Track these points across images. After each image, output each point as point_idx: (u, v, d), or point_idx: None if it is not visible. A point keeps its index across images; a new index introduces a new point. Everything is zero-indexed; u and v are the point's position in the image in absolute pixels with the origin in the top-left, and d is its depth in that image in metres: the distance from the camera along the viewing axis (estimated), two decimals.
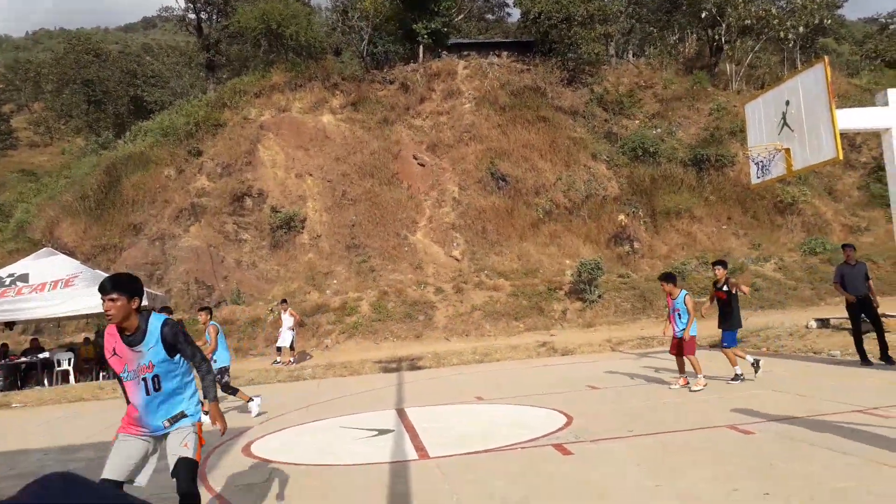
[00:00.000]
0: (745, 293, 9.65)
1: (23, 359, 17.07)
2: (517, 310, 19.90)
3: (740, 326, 10.02)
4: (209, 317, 10.04)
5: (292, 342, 16.96)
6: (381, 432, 8.06)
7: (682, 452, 6.11)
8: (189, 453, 4.00)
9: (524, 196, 24.42)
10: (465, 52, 32.54)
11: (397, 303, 20.13)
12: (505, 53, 32.46)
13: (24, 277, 16.54)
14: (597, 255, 21.64)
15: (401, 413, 9.31)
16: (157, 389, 4.00)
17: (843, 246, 11.24)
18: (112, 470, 3.93)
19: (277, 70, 29.99)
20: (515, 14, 44.28)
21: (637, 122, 29.01)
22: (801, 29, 32.54)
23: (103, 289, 3.80)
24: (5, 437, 9.93)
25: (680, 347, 9.65)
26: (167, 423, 4.07)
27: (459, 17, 36.42)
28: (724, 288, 9.66)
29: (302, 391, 12.69)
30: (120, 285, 3.86)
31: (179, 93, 37.49)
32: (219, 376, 9.68)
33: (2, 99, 66.48)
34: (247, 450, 7.71)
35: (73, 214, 24.39)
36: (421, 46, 30.75)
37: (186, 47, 43.67)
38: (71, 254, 20.22)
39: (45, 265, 17.04)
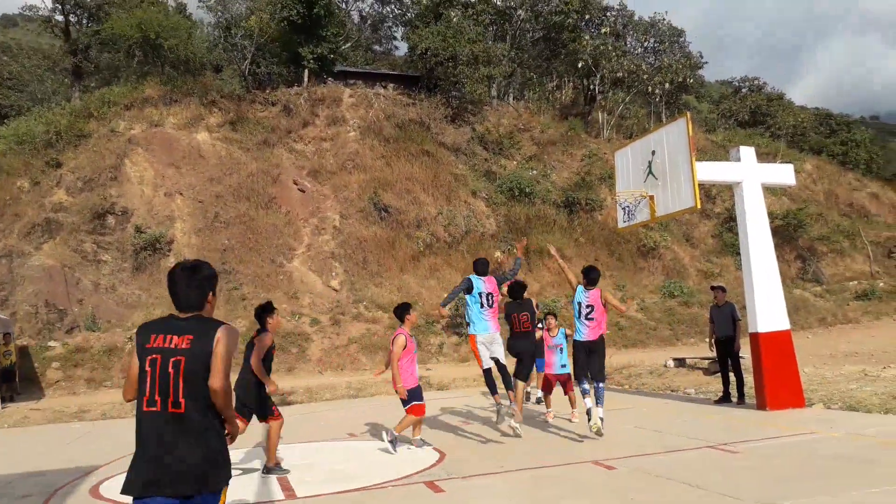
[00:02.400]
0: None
1: None
2: None
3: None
4: None
5: None
6: (246, 471, 7.70)
7: (551, 486, 6.26)
8: None
9: (406, 228, 24.54)
10: (352, 81, 32.57)
11: None
12: (391, 85, 32.81)
13: None
14: None
15: None
16: None
17: (712, 287, 12.08)
18: None
19: (152, 82, 28.55)
20: (403, 48, 44.97)
21: (515, 162, 30.13)
22: (666, 85, 35.35)
23: None
24: None
25: (564, 384, 9.86)
26: None
27: (347, 45, 36.46)
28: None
29: None
30: None
31: (40, 98, 34.75)
32: None
33: None
34: (95, 492, 7.10)
35: None
36: (306, 70, 30.44)
37: (51, 50, 40.62)
38: None
39: None
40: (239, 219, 23.37)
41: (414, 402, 8.28)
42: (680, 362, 15.90)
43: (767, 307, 10.07)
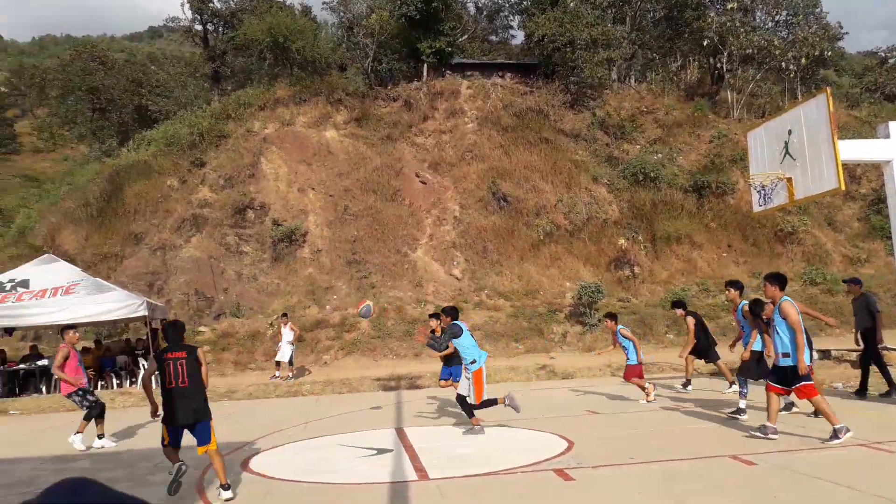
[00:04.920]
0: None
1: (21, 365, 17.00)
2: (517, 331, 19.90)
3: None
4: None
5: (291, 357, 16.93)
6: (381, 451, 8.06)
7: (685, 481, 6.12)
8: None
9: (525, 217, 24.52)
10: (469, 73, 32.81)
11: (397, 320, 20.13)
12: (508, 75, 32.72)
13: (24, 283, 16.52)
14: (597, 278, 21.68)
15: (400, 433, 9.29)
16: None
17: (844, 281, 11.36)
18: None
19: (282, 84, 30.20)
20: (519, 36, 44.65)
21: (638, 146, 29.21)
22: (802, 60, 32.86)
23: None
24: (1, 444, 9.87)
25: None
26: None
27: (464, 38, 36.74)
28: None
29: (300, 407, 12.65)
30: None
31: (184, 103, 37.60)
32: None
33: (6, 104, 66.74)
34: (245, 465, 7.70)
35: (75, 221, 24.43)
36: (425, 65, 31.02)
37: (192, 58, 43.87)
38: (72, 261, 20.19)
39: (45, 272, 17.02)
40: (366, 211, 24.30)
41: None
42: (825, 354, 14.89)
43: None
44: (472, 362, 8.94)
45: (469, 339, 9.08)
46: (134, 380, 16.99)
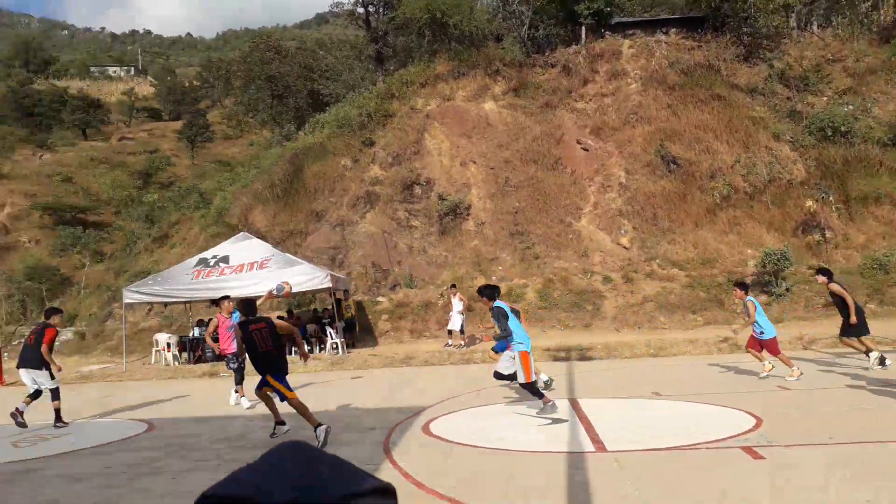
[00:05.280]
0: None
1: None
2: (694, 302, 19.04)
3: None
4: None
5: (462, 326, 17.53)
6: (555, 421, 8.16)
7: (890, 465, 5.63)
8: None
9: (698, 180, 23.21)
10: (630, 32, 31.31)
11: (563, 291, 20.07)
12: (673, 30, 30.82)
13: (225, 259, 18.51)
14: (783, 244, 20.10)
15: (573, 403, 9.35)
16: None
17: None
18: None
19: (441, 59, 30.73)
20: None
21: (825, 98, 26.41)
22: None
23: None
24: (217, 405, 11.24)
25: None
26: None
27: None
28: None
29: (473, 375, 13.10)
30: None
31: (352, 85, 39.43)
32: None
33: (199, 96, 74.09)
34: (426, 428, 8.14)
35: (264, 201, 26.76)
36: (583, 28, 30.08)
37: (356, 41, 45.78)
38: (263, 238, 22.23)
39: (242, 248, 18.93)
40: (527, 182, 24.31)
41: None
42: None
43: None
44: (519, 343, 8.53)
45: (514, 322, 8.65)
46: (322, 346, 18.49)
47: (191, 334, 19.69)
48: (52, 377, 9.48)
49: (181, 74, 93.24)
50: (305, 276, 17.48)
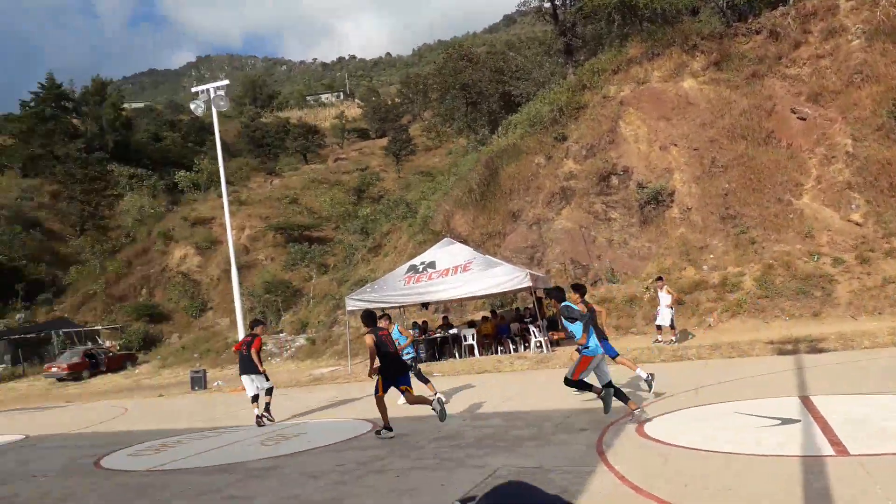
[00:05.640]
0: None
1: (438, 334, 20.11)
2: None
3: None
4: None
5: (672, 320, 16.70)
6: (785, 421, 7.44)
7: None
8: None
9: None
10: None
11: (786, 277, 18.28)
12: None
13: (432, 264, 19.47)
14: None
15: (805, 401, 8.45)
16: None
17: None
18: None
19: (633, 42, 29.58)
20: None
21: None
22: None
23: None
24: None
25: None
26: None
27: None
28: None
29: (688, 372, 12.41)
30: None
31: (542, 82, 39.45)
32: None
33: (400, 111, 78.73)
34: (640, 431, 7.83)
35: (463, 207, 27.72)
36: None
37: (544, 36, 45.72)
38: (465, 241, 23.03)
39: (446, 253, 19.78)
40: (737, 161, 22.51)
41: None
42: None
43: None
44: (586, 347, 8.25)
45: (579, 327, 8.29)
46: (527, 345, 18.70)
47: None
48: (267, 378, 11.11)
49: (384, 93, 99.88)
50: (506, 277, 17.80)
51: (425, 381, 11.69)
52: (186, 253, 42.62)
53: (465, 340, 19.17)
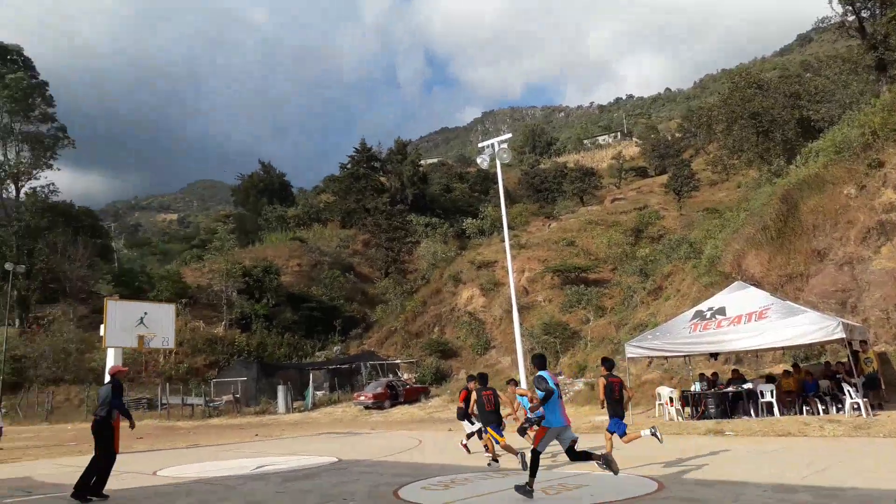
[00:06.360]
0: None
1: (729, 388, 18.42)
2: None
3: None
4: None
5: None
6: None
7: None
8: None
9: None
10: None
11: None
12: None
13: (721, 310, 18.03)
14: None
15: None
16: None
17: None
18: None
19: None
20: None
21: None
22: None
23: None
24: (724, 463, 10.80)
25: None
26: None
27: None
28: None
29: None
30: None
31: (848, 103, 34.92)
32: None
33: (681, 146, 75.58)
34: None
35: (756, 246, 25.33)
36: None
37: (849, 53, 40.47)
38: (758, 285, 20.96)
39: (738, 298, 18.18)
40: None
41: None
42: None
43: None
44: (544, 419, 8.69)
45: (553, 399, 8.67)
46: (839, 406, 16.17)
47: (692, 388, 19.57)
48: (472, 423, 12.80)
49: (663, 129, 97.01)
50: (812, 326, 15.74)
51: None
52: (473, 294, 45.46)
53: (762, 397, 17.23)
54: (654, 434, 10.99)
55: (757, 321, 16.74)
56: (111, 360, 17.84)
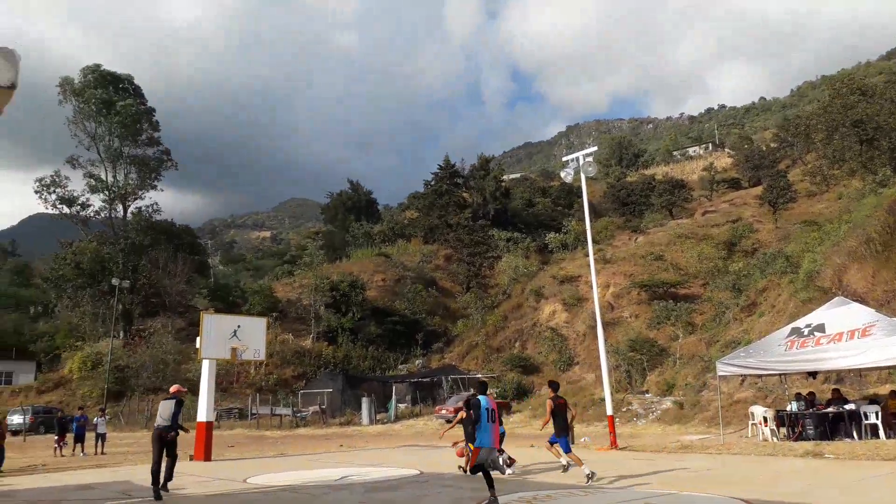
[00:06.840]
0: None
1: (829, 409, 17.30)
2: None
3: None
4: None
5: None
6: None
7: None
8: None
9: None
10: None
11: None
12: None
13: (820, 327, 17.00)
14: None
15: None
16: None
17: None
18: None
19: None
20: None
21: None
22: None
23: None
24: (824, 486, 10.13)
25: None
26: None
27: None
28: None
29: None
30: None
31: None
32: None
33: (777, 157, 72.10)
34: None
35: (859, 259, 23.82)
36: None
37: None
38: (861, 300, 19.68)
39: (838, 314, 17.10)
40: None
41: None
42: None
43: None
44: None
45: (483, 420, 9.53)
46: None
47: (788, 408, 18.50)
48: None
49: (757, 140, 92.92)
50: None
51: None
52: (555, 309, 44.81)
53: (866, 419, 16.07)
54: (587, 475, 11.37)
55: (860, 339, 15.66)
56: (206, 371, 18.69)
